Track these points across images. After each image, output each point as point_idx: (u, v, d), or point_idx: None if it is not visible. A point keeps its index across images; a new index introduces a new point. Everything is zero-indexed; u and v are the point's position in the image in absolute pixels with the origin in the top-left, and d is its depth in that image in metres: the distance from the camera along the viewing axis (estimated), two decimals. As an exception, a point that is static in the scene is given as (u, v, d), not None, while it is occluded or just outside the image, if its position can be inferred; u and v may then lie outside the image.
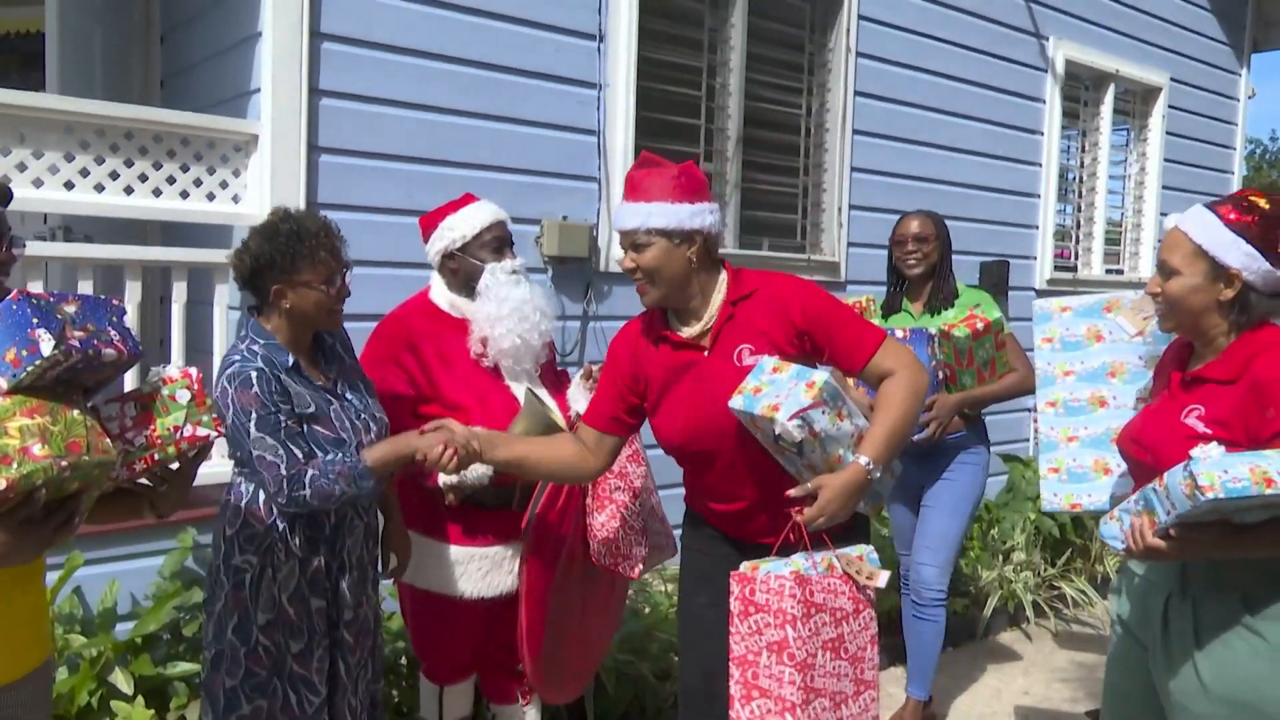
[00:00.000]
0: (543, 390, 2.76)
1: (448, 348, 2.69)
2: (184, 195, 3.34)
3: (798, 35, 5.01)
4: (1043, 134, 6.08)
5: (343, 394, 2.33)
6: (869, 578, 2.11)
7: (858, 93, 5.10)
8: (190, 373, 1.76)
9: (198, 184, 3.37)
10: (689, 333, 2.28)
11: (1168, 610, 2.03)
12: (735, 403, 2.09)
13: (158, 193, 3.29)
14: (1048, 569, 4.98)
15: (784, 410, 2.00)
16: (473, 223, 2.72)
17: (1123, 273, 6.95)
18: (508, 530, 2.69)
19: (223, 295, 3.38)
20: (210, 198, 3.40)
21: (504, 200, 2.90)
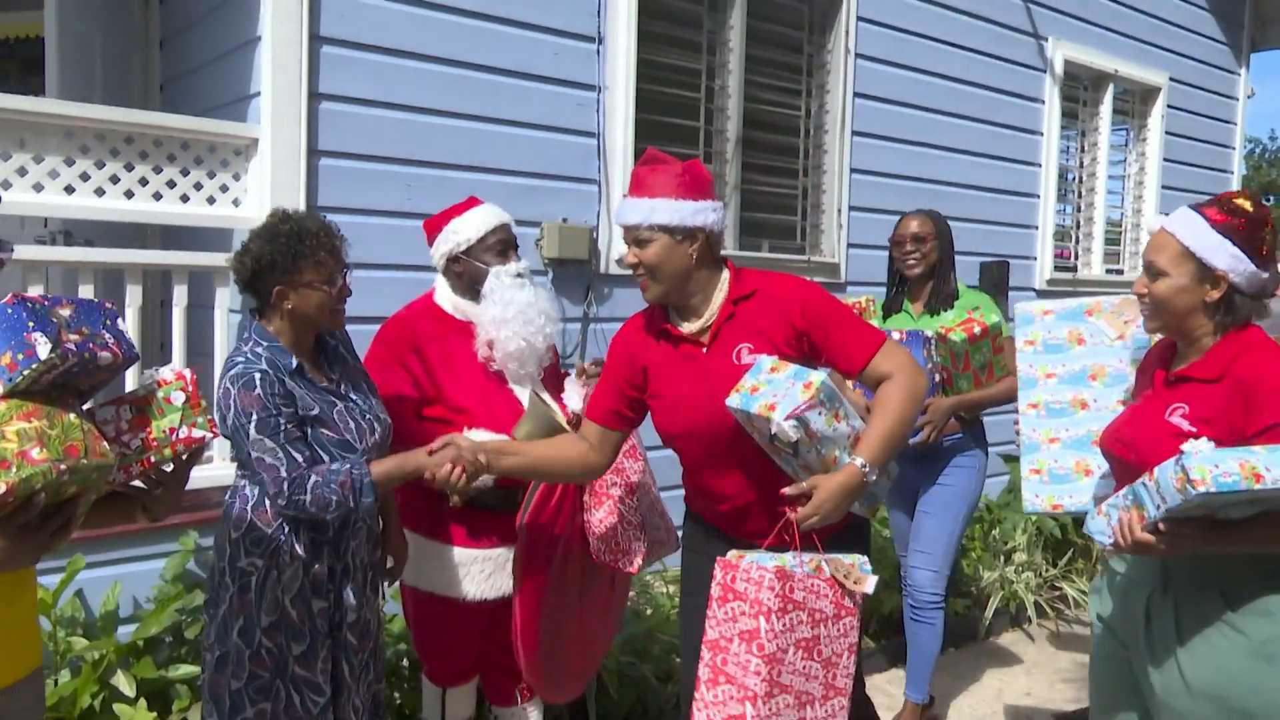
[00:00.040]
0: (546, 393, 2.76)
1: (452, 350, 2.70)
2: (184, 199, 3.35)
3: (796, 37, 5.01)
4: (1042, 134, 6.07)
5: (346, 395, 2.33)
6: (855, 583, 2.10)
7: (857, 94, 5.10)
8: (184, 374, 1.75)
9: (198, 188, 3.37)
10: (689, 329, 2.29)
11: (1150, 607, 2.04)
12: (732, 401, 2.09)
13: (158, 197, 3.30)
14: (1049, 569, 4.97)
15: (780, 410, 2.00)
16: (477, 226, 2.73)
17: (1123, 273, 6.93)
18: (511, 532, 2.68)
19: (223, 299, 3.38)
20: (210, 201, 3.41)
21: (504, 203, 2.90)
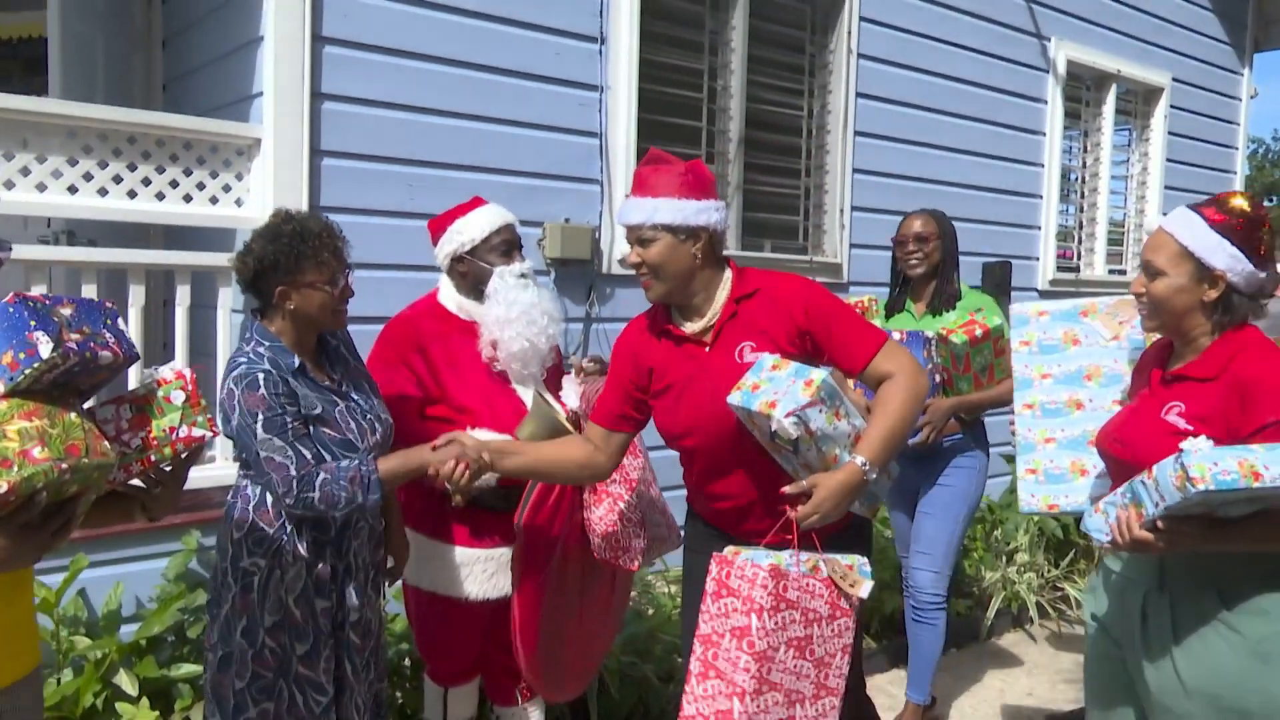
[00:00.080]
0: (549, 394, 2.76)
1: (456, 350, 2.70)
2: (187, 199, 3.36)
3: (798, 37, 5.01)
4: (1044, 134, 6.07)
5: (348, 395, 2.33)
6: (852, 585, 2.10)
7: (859, 94, 5.10)
8: (184, 373, 1.75)
9: (200, 188, 3.38)
10: (692, 328, 2.29)
11: (1146, 606, 2.04)
12: (733, 399, 2.09)
13: (161, 197, 3.31)
14: (1051, 570, 4.97)
15: (781, 407, 2.00)
16: (482, 226, 2.73)
17: (1125, 273, 6.93)
18: (513, 532, 2.68)
19: (226, 298, 3.38)
20: (213, 201, 3.41)
21: (506, 203, 2.90)
